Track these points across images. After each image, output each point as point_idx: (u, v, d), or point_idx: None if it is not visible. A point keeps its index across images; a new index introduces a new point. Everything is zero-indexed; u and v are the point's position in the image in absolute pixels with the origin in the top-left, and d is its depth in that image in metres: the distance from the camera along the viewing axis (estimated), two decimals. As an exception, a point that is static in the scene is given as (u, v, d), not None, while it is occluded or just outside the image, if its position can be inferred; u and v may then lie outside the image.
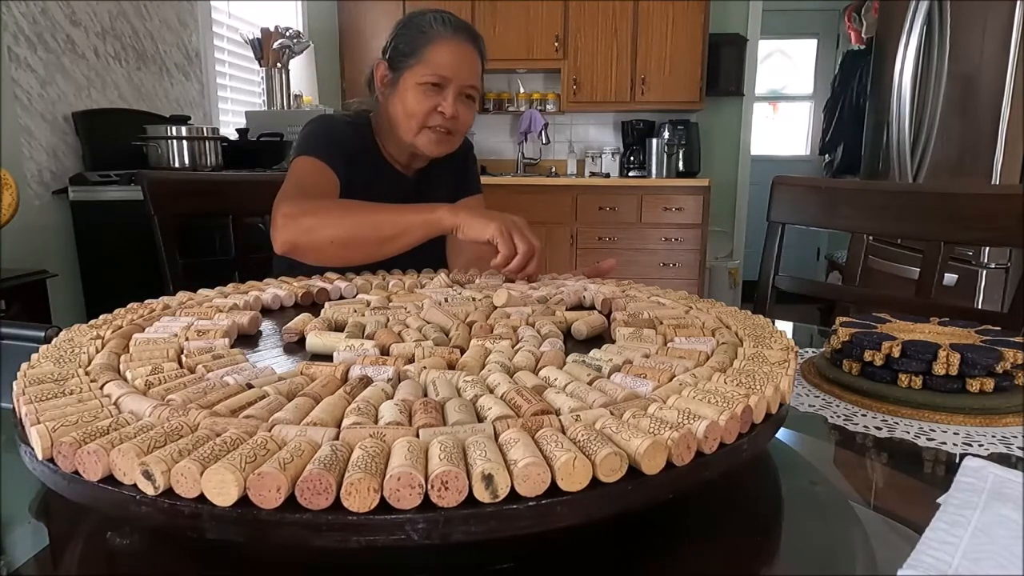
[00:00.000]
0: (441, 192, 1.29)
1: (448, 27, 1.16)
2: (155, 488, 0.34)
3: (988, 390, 0.62)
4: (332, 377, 0.50)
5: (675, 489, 0.38)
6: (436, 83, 1.15)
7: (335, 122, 1.24)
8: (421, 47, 1.15)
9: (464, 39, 1.17)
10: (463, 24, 1.19)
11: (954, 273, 1.94)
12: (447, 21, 1.17)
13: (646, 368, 0.52)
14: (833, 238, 4.72)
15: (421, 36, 1.16)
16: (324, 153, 1.15)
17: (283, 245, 1.00)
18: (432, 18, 1.17)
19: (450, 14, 1.19)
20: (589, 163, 4.25)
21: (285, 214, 1.00)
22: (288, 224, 1.00)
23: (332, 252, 0.99)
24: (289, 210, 1.01)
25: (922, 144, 2.14)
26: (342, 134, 1.21)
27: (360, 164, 1.21)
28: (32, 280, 1.87)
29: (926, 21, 2.08)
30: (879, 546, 0.44)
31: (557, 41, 3.97)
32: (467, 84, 1.17)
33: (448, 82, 1.15)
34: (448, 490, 0.33)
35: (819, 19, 4.96)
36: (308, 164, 1.14)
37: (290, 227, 1.00)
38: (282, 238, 1.00)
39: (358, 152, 1.21)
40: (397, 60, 1.18)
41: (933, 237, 1.08)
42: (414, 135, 1.18)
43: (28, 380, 0.48)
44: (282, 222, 1.00)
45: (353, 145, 1.21)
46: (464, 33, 1.18)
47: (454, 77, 1.15)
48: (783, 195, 1.24)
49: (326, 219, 0.99)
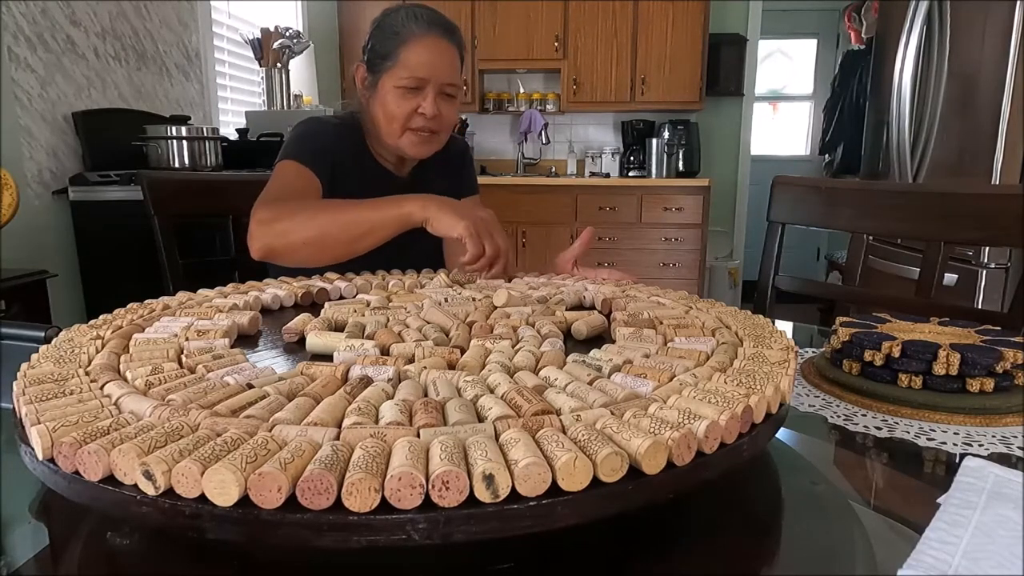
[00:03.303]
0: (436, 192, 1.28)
1: (421, 24, 1.13)
2: (156, 488, 0.34)
3: (988, 390, 0.62)
4: (332, 377, 0.50)
5: (675, 489, 0.38)
6: (414, 86, 1.12)
7: (322, 125, 1.22)
8: (396, 48, 1.13)
9: (438, 34, 1.14)
10: (436, 18, 1.16)
11: (954, 273, 1.94)
12: (419, 17, 1.13)
13: (646, 368, 0.52)
14: (833, 238, 4.72)
15: (395, 37, 1.13)
16: (307, 157, 1.14)
17: (259, 251, 0.99)
18: (404, 15, 1.14)
19: (423, 7, 1.16)
20: (589, 163, 4.25)
21: (259, 220, 0.99)
22: (262, 229, 0.98)
23: (306, 253, 0.98)
24: (263, 216, 1.00)
25: (922, 144, 2.14)
26: (329, 137, 1.19)
27: (350, 166, 1.19)
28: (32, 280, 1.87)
29: (926, 21, 2.08)
30: (879, 546, 0.44)
31: (557, 41, 3.97)
32: (445, 82, 1.14)
33: (425, 83, 1.13)
34: (449, 490, 0.33)
35: (819, 19, 4.96)
36: (290, 169, 1.13)
37: (265, 232, 0.98)
38: (257, 244, 0.99)
39: (347, 154, 1.20)
40: (374, 62, 1.16)
41: (933, 237, 1.08)
42: (397, 138, 1.16)
43: (28, 380, 0.48)
44: (256, 228, 0.99)
45: (341, 147, 1.19)
46: (438, 28, 1.14)
47: (431, 77, 1.12)
48: (783, 195, 1.24)
49: (298, 221, 0.98)
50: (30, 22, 2.19)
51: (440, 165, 1.29)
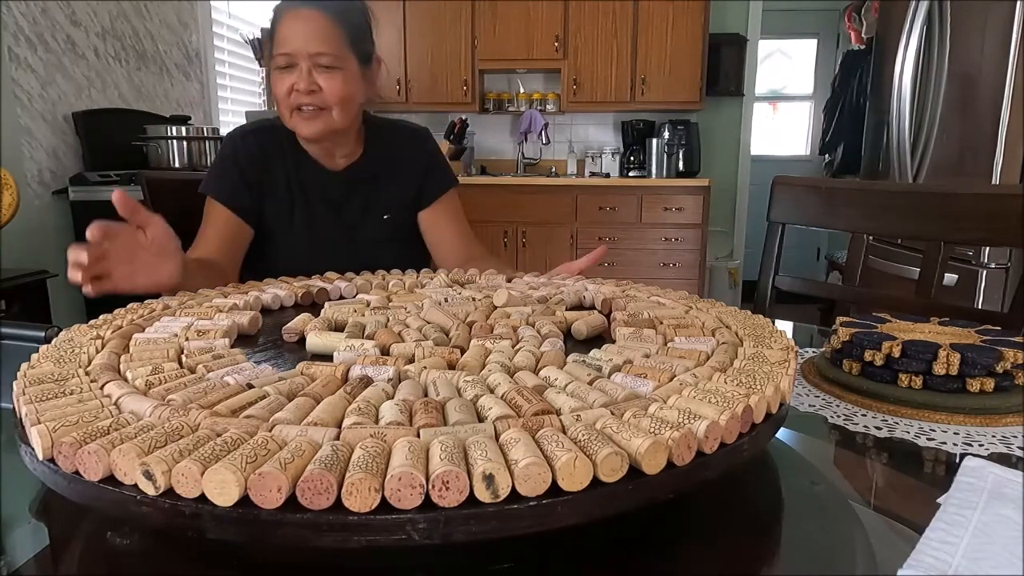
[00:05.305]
0: (393, 191, 1.24)
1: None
2: (156, 488, 0.34)
3: (988, 390, 0.62)
4: (332, 377, 0.50)
5: (675, 489, 0.38)
6: (285, 64, 1.08)
7: (236, 144, 1.19)
8: (274, 29, 1.10)
9: (305, 5, 1.08)
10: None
11: (954, 273, 1.94)
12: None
13: (646, 368, 0.52)
14: (833, 238, 4.72)
15: (274, 19, 1.10)
16: (215, 187, 1.15)
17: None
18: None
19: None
20: (589, 163, 4.25)
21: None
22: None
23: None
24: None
25: (922, 144, 2.14)
26: (244, 150, 1.17)
27: (278, 168, 1.18)
28: (32, 280, 1.87)
29: (926, 21, 2.08)
30: (879, 546, 0.44)
31: (557, 41, 3.97)
32: (314, 53, 1.07)
33: (295, 58, 1.08)
34: (449, 490, 0.33)
35: (819, 19, 4.96)
36: (210, 211, 1.16)
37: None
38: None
39: (273, 159, 1.18)
40: (271, 51, 1.12)
41: (933, 237, 1.08)
42: (289, 120, 1.12)
43: (28, 380, 0.48)
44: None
45: (263, 156, 1.18)
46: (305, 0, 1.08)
47: (296, 51, 1.07)
48: (783, 195, 1.24)
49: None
50: (30, 22, 2.19)
51: (387, 156, 1.24)
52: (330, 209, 1.22)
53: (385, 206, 1.25)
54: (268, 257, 1.20)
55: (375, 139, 1.25)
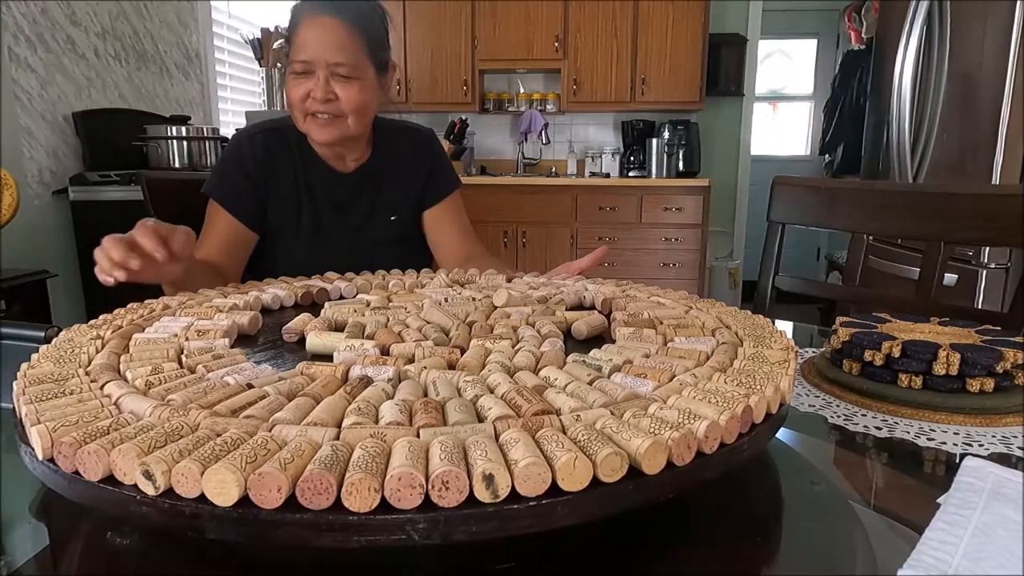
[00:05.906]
0: (398, 192, 1.24)
1: (309, 3, 1.08)
2: (155, 488, 0.34)
3: (988, 390, 0.62)
4: (332, 377, 0.50)
5: (675, 489, 0.38)
6: (301, 71, 1.07)
7: (242, 146, 1.18)
8: (292, 34, 1.09)
9: (326, 12, 1.07)
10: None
11: (954, 273, 1.94)
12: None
13: (646, 368, 0.52)
14: (833, 238, 4.72)
15: (292, 21, 1.10)
16: (219, 191, 1.15)
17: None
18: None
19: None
20: (589, 163, 4.25)
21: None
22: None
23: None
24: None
25: (922, 144, 2.14)
26: (250, 152, 1.17)
27: (285, 170, 1.18)
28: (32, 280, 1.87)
29: (926, 21, 2.08)
30: (879, 546, 0.44)
31: (557, 41, 3.97)
32: (333, 63, 1.06)
33: (313, 66, 1.07)
34: (449, 490, 0.33)
35: (819, 19, 4.96)
36: (211, 214, 1.16)
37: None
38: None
39: (281, 160, 1.18)
40: (288, 53, 1.12)
41: (933, 237, 1.08)
42: (302, 124, 1.12)
43: (28, 380, 0.48)
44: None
45: (270, 158, 1.17)
46: (325, 7, 1.07)
47: (315, 59, 1.06)
48: (783, 195, 1.24)
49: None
50: (30, 22, 2.19)
51: (394, 158, 1.24)
52: (336, 210, 1.22)
53: (391, 207, 1.25)
54: (272, 258, 1.20)
55: (383, 141, 1.25)
